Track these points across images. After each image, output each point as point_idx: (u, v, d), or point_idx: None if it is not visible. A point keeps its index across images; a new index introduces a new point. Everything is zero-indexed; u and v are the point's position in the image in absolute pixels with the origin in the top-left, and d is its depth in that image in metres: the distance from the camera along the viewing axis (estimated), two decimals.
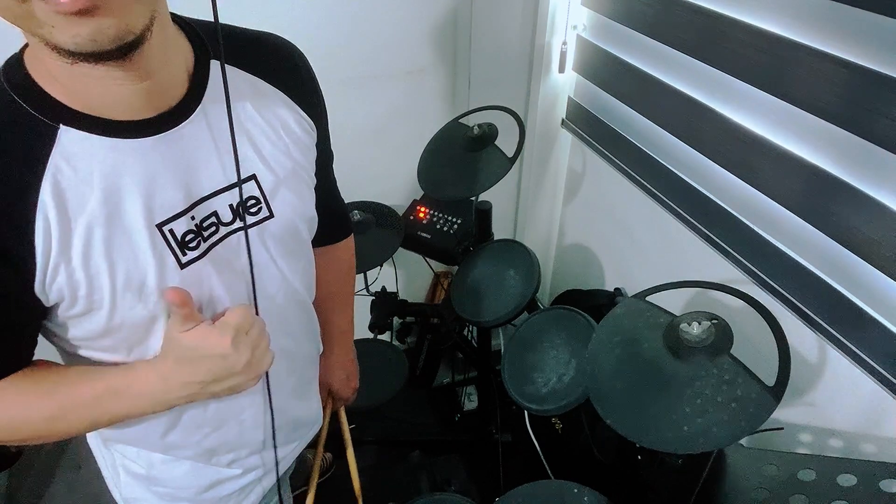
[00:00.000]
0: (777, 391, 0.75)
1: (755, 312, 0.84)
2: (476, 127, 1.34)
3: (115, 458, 0.81)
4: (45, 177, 0.54)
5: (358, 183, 1.74)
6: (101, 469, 0.86)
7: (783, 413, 1.14)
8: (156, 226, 0.60)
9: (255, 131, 0.67)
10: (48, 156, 0.54)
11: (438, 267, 1.90)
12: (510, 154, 1.28)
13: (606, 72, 1.51)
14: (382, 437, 1.90)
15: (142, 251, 0.59)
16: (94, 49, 0.48)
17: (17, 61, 0.56)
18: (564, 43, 1.59)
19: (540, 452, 1.34)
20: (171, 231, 0.61)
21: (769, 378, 0.77)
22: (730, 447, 1.01)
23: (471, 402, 2.00)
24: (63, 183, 0.55)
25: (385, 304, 1.57)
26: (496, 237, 1.46)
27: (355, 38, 1.49)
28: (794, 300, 1.08)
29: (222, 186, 0.64)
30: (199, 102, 0.62)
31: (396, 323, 1.64)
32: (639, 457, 1.17)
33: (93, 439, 0.84)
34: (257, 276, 0.70)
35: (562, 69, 1.63)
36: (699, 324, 0.81)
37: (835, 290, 1.01)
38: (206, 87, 0.62)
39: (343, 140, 1.64)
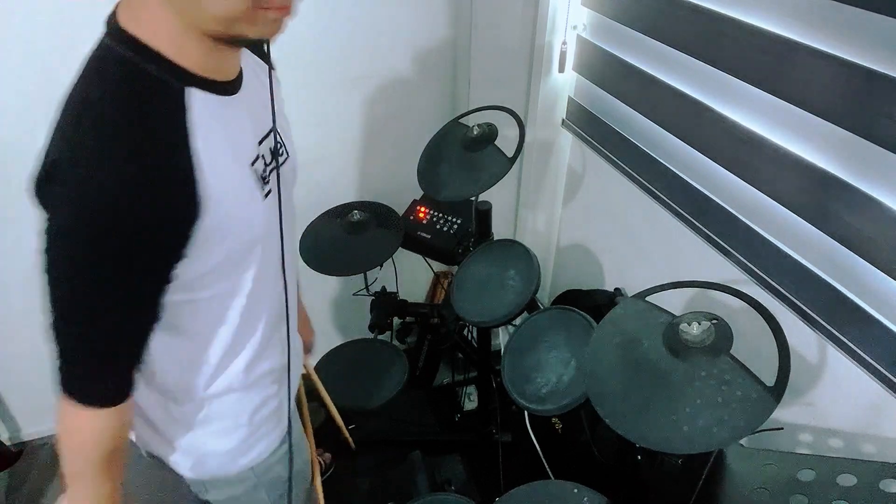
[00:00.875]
0: (777, 391, 0.75)
1: (755, 312, 0.84)
2: (476, 127, 1.34)
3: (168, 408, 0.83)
4: (191, 134, 0.62)
5: (358, 183, 1.75)
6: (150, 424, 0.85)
7: (783, 413, 1.14)
8: (250, 165, 0.71)
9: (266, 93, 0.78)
10: (185, 115, 0.62)
11: (438, 267, 1.90)
12: (510, 154, 1.28)
13: (606, 71, 1.51)
14: (382, 437, 1.90)
15: (250, 186, 0.71)
16: (263, 37, 0.63)
17: (119, 32, 0.61)
18: (564, 43, 1.59)
19: (540, 452, 1.34)
20: (255, 169, 0.72)
21: (769, 378, 0.77)
22: (730, 447, 1.01)
23: (471, 402, 1.99)
24: (206, 136, 0.63)
25: (385, 304, 1.57)
26: (496, 237, 1.46)
27: (356, 39, 1.49)
28: (794, 299, 1.08)
29: (265, 133, 0.76)
30: (243, 69, 0.73)
31: (396, 323, 1.65)
32: (639, 457, 1.17)
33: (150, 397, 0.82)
34: (289, 207, 0.82)
35: (562, 69, 1.63)
36: (699, 324, 0.81)
37: (835, 289, 1.01)
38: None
39: (343, 140, 1.65)
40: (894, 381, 0.92)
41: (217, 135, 0.65)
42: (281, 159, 0.79)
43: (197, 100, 0.63)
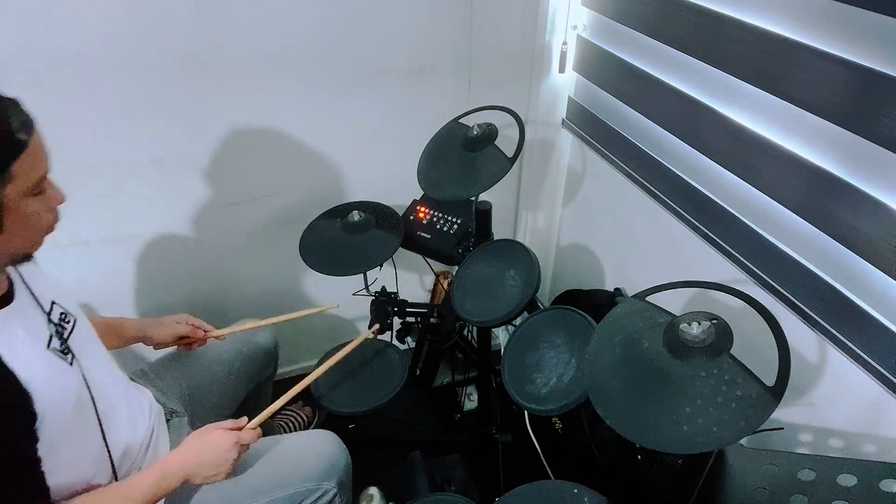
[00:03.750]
0: (777, 391, 0.75)
1: (755, 312, 0.84)
2: (476, 127, 1.33)
3: None
4: (1, 353, 0.79)
5: (358, 183, 1.75)
6: None
7: (783, 413, 1.14)
8: (46, 348, 0.90)
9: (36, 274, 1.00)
10: None
11: (438, 266, 1.89)
12: (510, 154, 1.28)
13: (607, 72, 1.51)
14: (382, 437, 1.90)
15: (54, 364, 0.90)
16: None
17: None
18: (564, 43, 1.59)
19: (540, 452, 1.34)
20: (53, 348, 0.91)
21: (769, 378, 0.77)
22: (730, 447, 1.01)
23: (471, 402, 1.99)
24: (8, 347, 0.80)
25: (385, 304, 1.57)
26: (496, 237, 1.46)
27: (355, 39, 1.49)
28: (794, 300, 1.08)
29: (48, 311, 0.96)
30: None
31: (396, 323, 1.64)
32: (639, 457, 1.17)
33: None
34: (94, 355, 1.03)
35: (562, 69, 1.63)
36: (699, 324, 0.81)
37: (835, 289, 1.01)
38: None
39: (343, 140, 1.65)
40: (894, 381, 0.92)
41: (15, 340, 0.82)
42: (69, 326, 0.96)
43: None
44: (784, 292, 1.10)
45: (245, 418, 1.12)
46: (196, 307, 1.78)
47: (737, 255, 1.19)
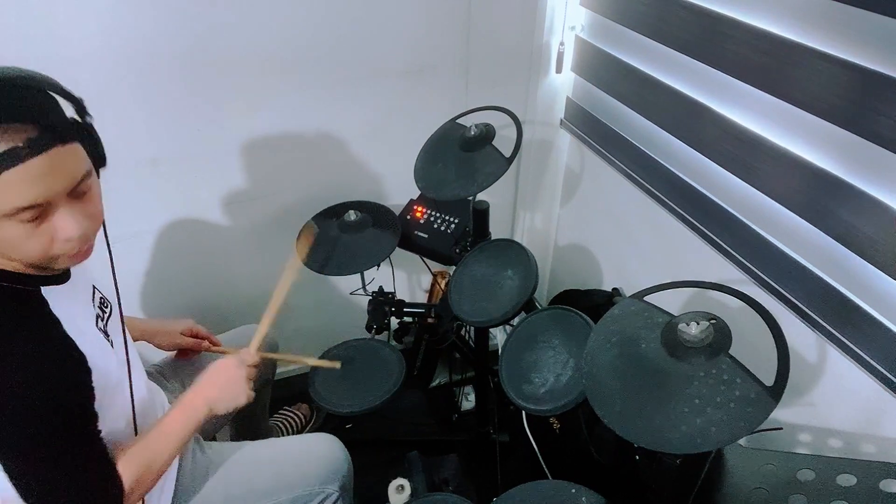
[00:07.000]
0: (776, 391, 0.75)
1: (755, 312, 0.84)
2: (473, 127, 1.33)
3: None
4: (61, 320, 0.81)
5: (355, 182, 1.74)
6: None
7: (783, 413, 1.13)
8: (95, 326, 0.92)
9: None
10: (49, 308, 0.81)
11: (436, 266, 1.89)
12: (508, 154, 1.27)
13: (605, 72, 1.51)
14: (380, 437, 1.89)
15: (102, 342, 0.91)
16: (73, 265, 0.86)
17: None
18: (561, 43, 1.59)
19: (538, 452, 1.34)
20: (99, 328, 0.93)
21: (768, 378, 0.76)
22: (729, 447, 1.01)
23: (468, 402, 1.99)
24: (68, 319, 0.82)
25: (382, 304, 1.56)
26: (493, 237, 1.46)
27: (353, 39, 1.48)
28: (793, 300, 1.08)
29: (91, 293, 0.98)
30: None
31: (394, 323, 1.64)
32: (637, 457, 1.16)
33: None
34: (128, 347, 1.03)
35: (559, 70, 1.63)
36: (697, 324, 0.81)
37: (835, 289, 1.00)
38: None
39: (340, 140, 1.65)
40: (894, 381, 0.92)
41: (73, 314, 0.84)
42: (106, 311, 0.97)
43: (49, 294, 0.82)
44: (784, 292, 1.09)
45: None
46: (193, 306, 1.77)
47: (736, 255, 1.19)
